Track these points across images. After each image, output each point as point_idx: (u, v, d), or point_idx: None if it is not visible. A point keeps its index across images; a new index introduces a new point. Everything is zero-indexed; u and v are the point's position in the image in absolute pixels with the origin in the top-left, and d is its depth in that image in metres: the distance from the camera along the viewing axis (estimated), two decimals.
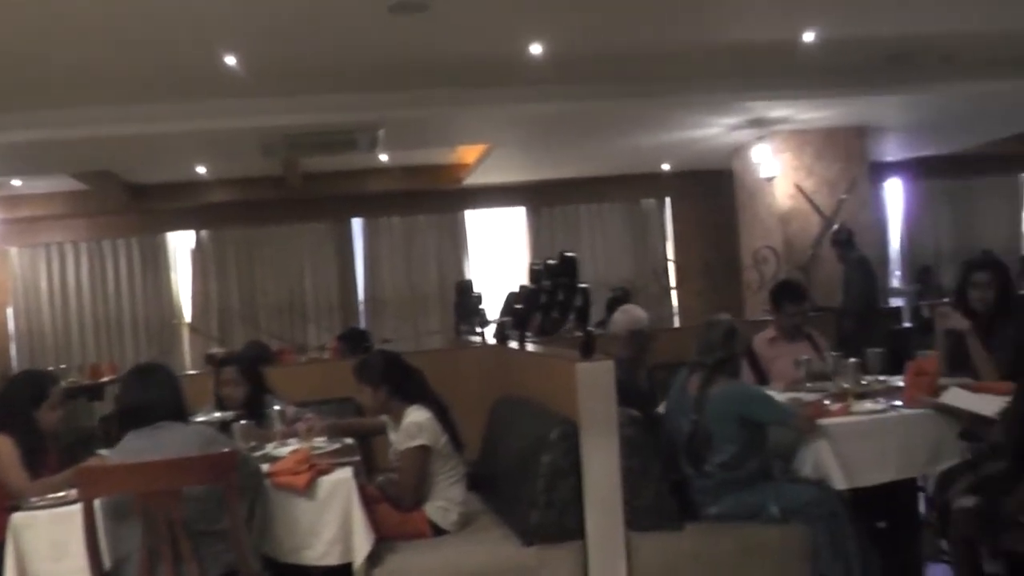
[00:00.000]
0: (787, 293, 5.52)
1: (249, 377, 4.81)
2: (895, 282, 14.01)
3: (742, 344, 4.27)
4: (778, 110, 9.06)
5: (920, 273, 13.30)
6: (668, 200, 13.86)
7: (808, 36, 7.12)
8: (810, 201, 10.02)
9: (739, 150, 10.68)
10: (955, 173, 14.32)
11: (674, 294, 13.52)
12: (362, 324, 12.70)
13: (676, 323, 13.05)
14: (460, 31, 6.55)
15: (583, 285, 4.44)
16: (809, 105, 8.94)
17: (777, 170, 9.99)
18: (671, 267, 13.74)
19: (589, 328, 4.21)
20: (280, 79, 7.24)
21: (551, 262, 4.51)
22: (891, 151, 13.54)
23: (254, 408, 4.62)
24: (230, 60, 6.65)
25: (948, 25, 7.32)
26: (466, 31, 6.56)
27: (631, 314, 4.72)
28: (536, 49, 6.88)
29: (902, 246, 14.33)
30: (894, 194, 14.51)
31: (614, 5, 6.26)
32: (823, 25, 6.98)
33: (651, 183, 13.32)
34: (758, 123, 9.44)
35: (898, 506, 4.56)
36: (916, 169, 14.18)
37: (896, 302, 11.92)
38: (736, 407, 3.99)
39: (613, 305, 6.62)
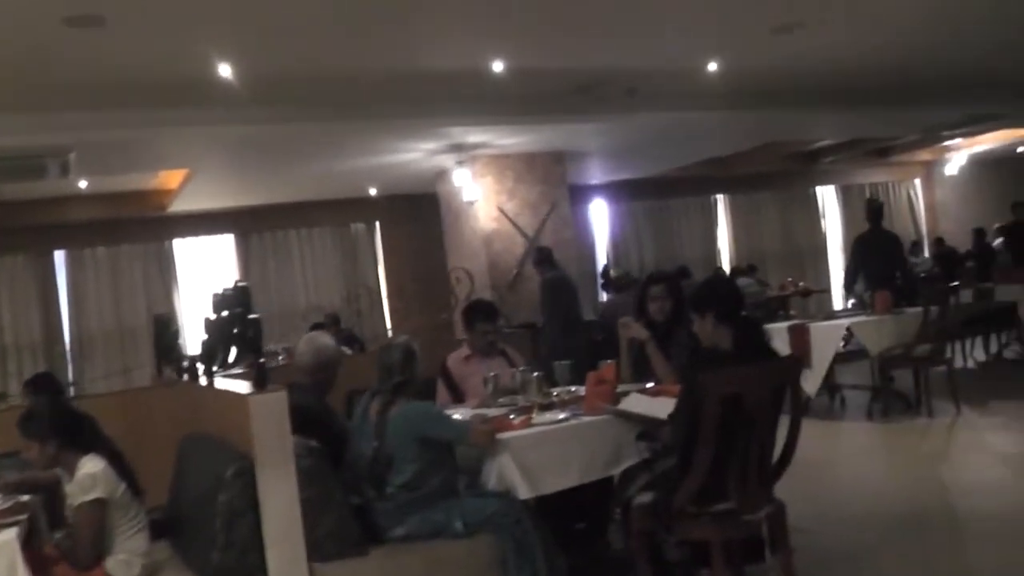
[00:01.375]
0: (479, 312, 5.72)
1: None
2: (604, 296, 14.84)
3: (422, 365, 4.35)
4: (476, 135, 9.40)
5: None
6: (378, 224, 14.01)
7: (497, 66, 7.42)
8: (512, 223, 10.44)
9: (442, 174, 10.97)
10: (656, 194, 15.51)
11: (387, 316, 13.66)
12: (69, 364, 11.96)
13: None
14: (142, 48, 6.19)
15: (253, 316, 4.33)
16: (507, 131, 9.34)
17: (479, 194, 10.34)
18: (383, 289, 13.86)
19: (261, 359, 4.11)
20: None
21: (227, 291, 4.39)
22: (595, 174, 14.45)
23: None
24: None
25: (630, 61, 7.91)
26: (149, 48, 6.21)
27: (315, 342, 4.71)
28: (226, 70, 6.70)
29: (609, 263, 15.17)
30: (600, 214, 15.42)
31: (306, 27, 6.22)
32: (511, 56, 7.32)
33: (360, 207, 13.47)
34: (458, 148, 9.75)
35: (593, 507, 4.88)
36: (619, 191, 15.19)
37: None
38: (414, 427, 4.08)
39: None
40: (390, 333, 13.46)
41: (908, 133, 13.60)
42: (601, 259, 15.20)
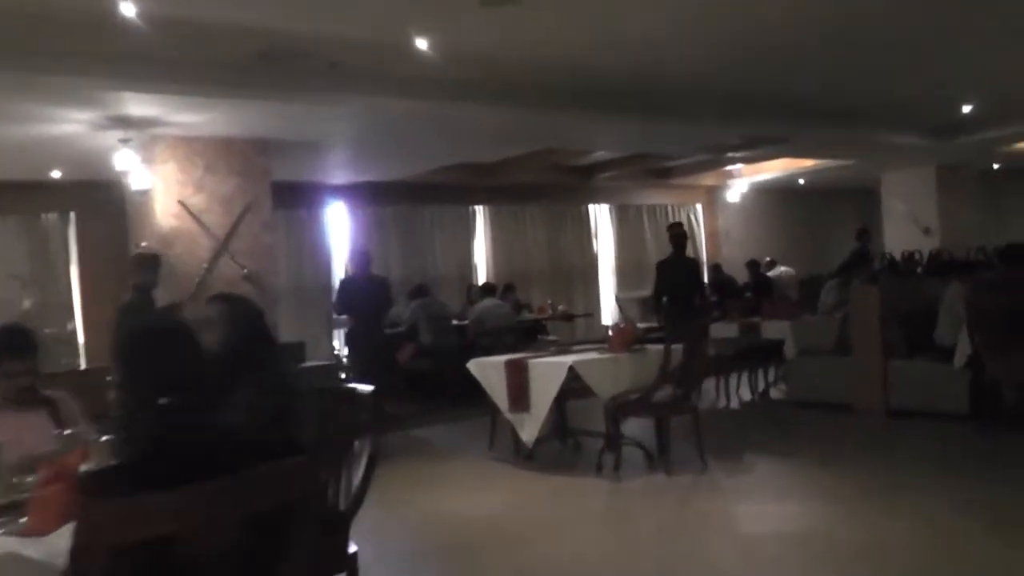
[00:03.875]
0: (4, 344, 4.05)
1: None
2: None
3: None
4: (139, 107, 7.66)
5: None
6: (72, 215, 11.91)
7: (127, 7, 5.78)
8: (197, 220, 8.78)
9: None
10: (408, 200, 14.18)
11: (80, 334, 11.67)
12: None
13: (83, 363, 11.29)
14: None
15: None
16: (180, 105, 7.68)
17: (151, 182, 8.61)
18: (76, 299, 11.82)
19: None
20: None
21: None
22: (334, 173, 13.00)
23: None
24: None
25: (322, 25, 6.49)
26: None
27: None
28: None
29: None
30: (340, 219, 13.93)
31: None
32: None
33: (47, 192, 11.32)
34: (122, 122, 7.96)
35: None
36: (365, 194, 13.78)
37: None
38: None
39: None
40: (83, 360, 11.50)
41: (685, 151, 12.79)
42: (338, 268, 13.70)
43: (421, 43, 6.83)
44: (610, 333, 7.65)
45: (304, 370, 8.28)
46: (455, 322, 12.34)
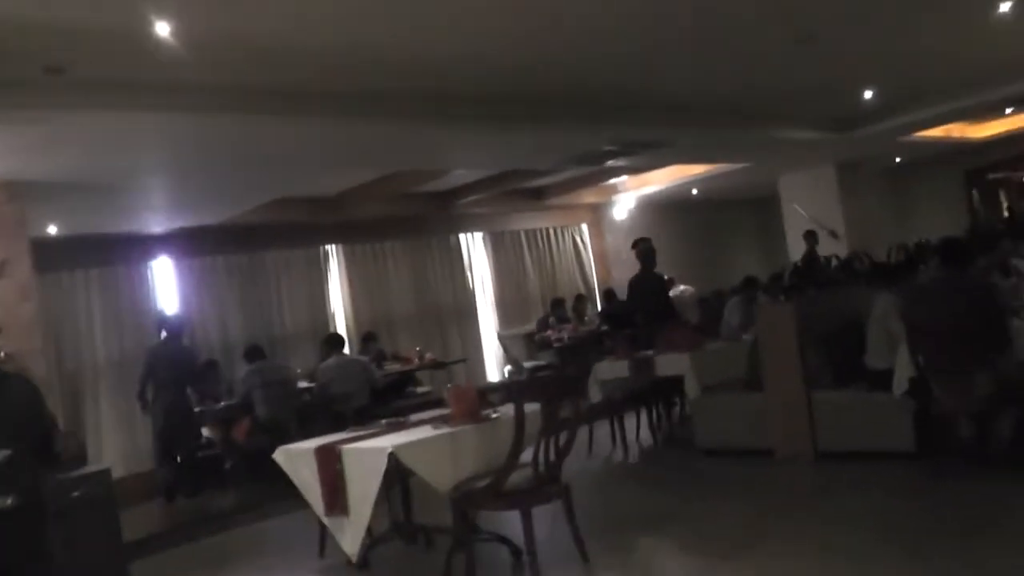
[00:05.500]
0: None
1: None
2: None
3: None
4: None
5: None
6: None
7: None
8: None
9: None
10: (246, 246, 12.37)
11: None
12: None
13: None
14: None
15: None
16: None
17: None
18: None
19: None
20: None
21: None
22: (153, 220, 11.16)
23: None
24: None
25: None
26: None
27: None
28: None
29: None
30: (166, 274, 12.01)
31: None
32: None
33: None
34: None
35: None
36: (192, 242, 11.91)
37: None
38: None
39: None
40: None
41: (554, 163, 11.23)
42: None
43: (162, 28, 5.12)
44: (452, 397, 5.86)
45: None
46: (305, 385, 10.62)
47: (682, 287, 14.48)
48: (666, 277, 14.35)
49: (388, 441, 5.24)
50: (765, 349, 7.40)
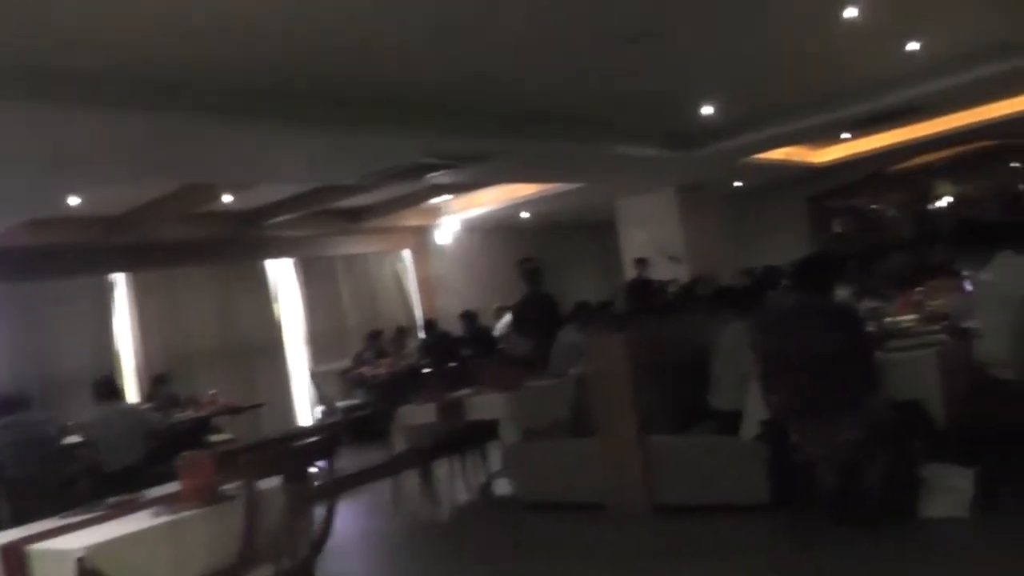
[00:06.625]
0: None
1: None
2: None
3: None
4: None
5: None
6: None
7: None
8: None
9: None
10: (18, 274, 10.63)
11: None
12: None
13: None
14: None
15: None
16: None
17: None
18: None
19: None
20: None
21: None
22: None
23: None
24: None
25: None
26: None
27: None
28: None
29: None
30: None
31: None
32: None
33: None
34: None
35: None
36: None
37: None
38: None
39: None
40: None
41: (361, 176, 9.95)
42: None
43: None
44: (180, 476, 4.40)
45: None
46: (75, 439, 8.97)
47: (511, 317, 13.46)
48: (495, 306, 13.44)
49: (81, 539, 3.81)
50: (594, 387, 6.33)
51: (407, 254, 15.06)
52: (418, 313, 14.94)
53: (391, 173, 9.40)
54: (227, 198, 10.95)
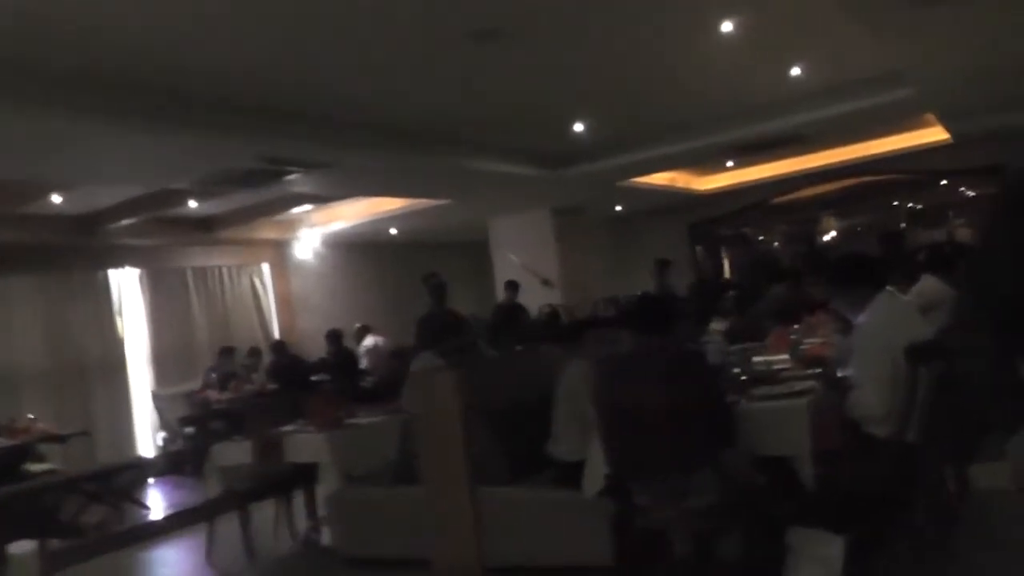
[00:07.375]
0: None
1: None
2: None
3: None
4: None
5: None
6: None
7: None
8: None
9: None
10: None
11: None
12: None
13: None
14: None
15: None
16: None
17: None
18: None
19: None
20: None
21: None
22: None
23: None
24: None
25: None
26: None
27: None
28: None
29: None
30: None
31: None
32: None
33: None
34: None
35: None
36: None
37: None
38: None
39: None
40: None
41: (192, 179, 9.00)
42: None
43: None
44: None
45: None
46: None
47: (375, 339, 12.63)
48: (357, 326, 12.62)
49: None
50: (420, 428, 5.57)
51: (265, 269, 14.08)
52: (276, 332, 13.98)
53: (226, 178, 8.51)
54: (56, 199, 9.94)
